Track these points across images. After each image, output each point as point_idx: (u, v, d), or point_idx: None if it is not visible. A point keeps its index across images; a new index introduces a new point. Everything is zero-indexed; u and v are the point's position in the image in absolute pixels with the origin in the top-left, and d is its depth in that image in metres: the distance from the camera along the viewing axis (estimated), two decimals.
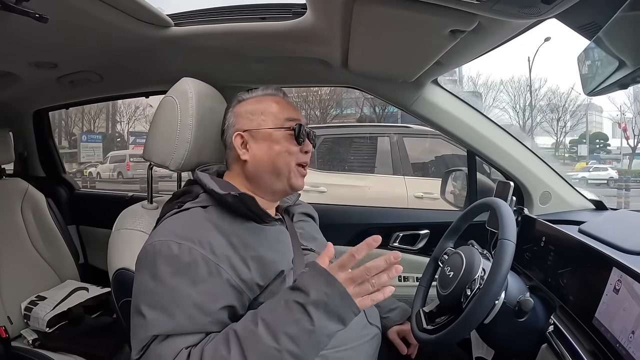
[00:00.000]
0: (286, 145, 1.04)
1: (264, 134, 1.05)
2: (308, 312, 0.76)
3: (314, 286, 0.77)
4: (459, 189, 1.86)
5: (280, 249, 0.98)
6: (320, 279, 0.78)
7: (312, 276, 0.79)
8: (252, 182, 1.06)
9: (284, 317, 0.77)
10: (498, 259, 0.94)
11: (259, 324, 0.78)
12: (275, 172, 1.04)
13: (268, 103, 1.08)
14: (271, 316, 0.78)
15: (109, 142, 21.91)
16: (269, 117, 1.06)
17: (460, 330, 0.96)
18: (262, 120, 1.06)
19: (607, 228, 1.09)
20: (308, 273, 0.80)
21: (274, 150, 1.04)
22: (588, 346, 0.89)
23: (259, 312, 0.81)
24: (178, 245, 0.85)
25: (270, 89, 1.12)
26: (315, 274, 0.79)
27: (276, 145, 1.04)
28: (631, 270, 0.81)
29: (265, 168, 1.04)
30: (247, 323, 0.80)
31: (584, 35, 0.84)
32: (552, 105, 22.93)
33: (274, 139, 1.04)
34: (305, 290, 0.77)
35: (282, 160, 1.03)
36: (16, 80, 1.69)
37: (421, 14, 0.87)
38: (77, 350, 1.52)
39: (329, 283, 0.77)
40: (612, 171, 17.52)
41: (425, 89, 1.49)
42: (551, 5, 0.71)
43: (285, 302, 0.78)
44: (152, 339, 0.81)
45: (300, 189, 1.08)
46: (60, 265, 1.86)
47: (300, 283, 0.79)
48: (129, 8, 1.15)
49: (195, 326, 0.82)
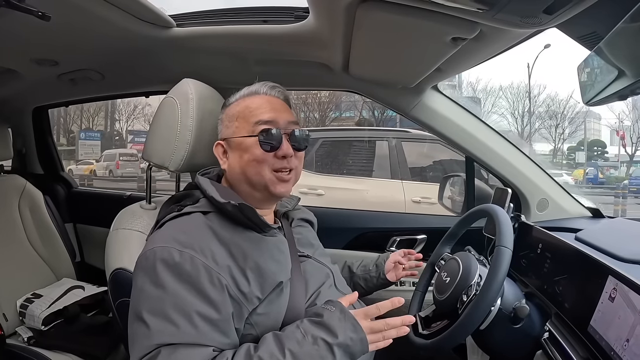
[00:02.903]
0: (255, 154, 0.97)
1: (236, 143, 1.00)
2: (333, 352, 0.81)
3: (341, 330, 0.82)
4: (456, 195, 1.87)
5: (280, 259, 0.96)
6: (348, 324, 0.83)
7: (340, 320, 0.84)
8: (236, 191, 1.01)
9: (312, 353, 0.80)
10: (495, 266, 0.95)
11: (287, 355, 0.80)
12: (248, 182, 0.99)
13: (244, 106, 1.02)
14: (300, 350, 0.80)
15: (107, 140, 21.85)
16: (242, 123, 1.00)
17: (456, 335, 0.97)
18: (236, 127, 1.01)
19: (604, 236, 1.10)
20: (337, 315, 0.85)
21: (244, 160, 0.98)
22: (583, 353, 0.90)
23: (285, 342, 0.82)
24: (179, 253, 0.84)
25: (254, 86, 1.06)
26: (344, 319, 0.84)
27: (245, 154, 0.98)
28: (627, 279, 0.82)
29: (239, 178, 1.00)
30: (273, 351, 0.80)
31: (585, 45, 0.84)
32: (550, 111, 22.96)
33: (244, 147, 0.98)
34: (333, 332, 0.82)
35: (252, 169, 0.97)
36: (17, 77, 1.70)
37: (423, 21, 0.87)
38: (73, 348, 1.52)
39: (355, 330, 0.83)
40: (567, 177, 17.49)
41: (425, 95, 1.49)
42: (553, 15, 0.71)
43: (314, 340, 0.81)
44: (157, 349, 0.79)
45: (284, 195, 1.02)
46: (56, 263, 1.86)
47: (329, 323, 0.83)
48: (131, 8, 1.16)
49: (200, 337, 0.81)
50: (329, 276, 1.08)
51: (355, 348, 0.83)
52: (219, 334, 0.83)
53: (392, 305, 0.87)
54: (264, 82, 1.07)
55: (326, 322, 0.83)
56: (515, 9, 0.72)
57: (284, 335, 0.83)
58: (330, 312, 0.85)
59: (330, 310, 0.85)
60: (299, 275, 0.99)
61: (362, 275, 1.31)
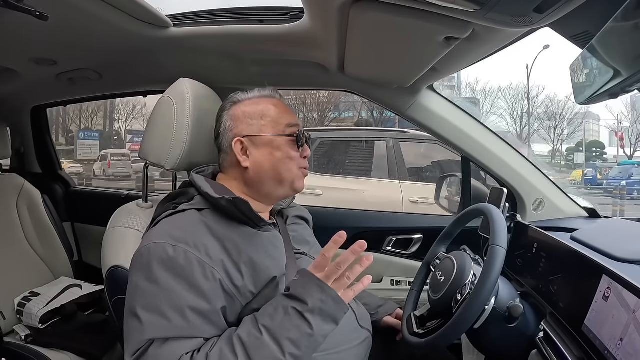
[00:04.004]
0: (287, 152, 1.03)
1: (265, 141, 1.03)
2: (306, 318, 0.81)
3: (308, 294, 0.82)
4: (453, 195, 1.87)
5: (274, 254, 0.98)
6: (313, 286, 0.83)
7: (305, 284, 0.84)
8: (252, 188, 1.05)
9: (285, 324, 0.81)
10: (488, 265, 0.95)
11: (262, 331, 0.81)
12: (277, 178, 1.03)
13: (266, 106, 1.06)
14: (273, 323, 0.82)
15: (106, 140, 21.85)
16: (269, 123, 1.04)
17: (450, 334, 0.97)
18: (262, 125, 1.04)
19: (599, 236, 1.10)
20: (300, 281, 0.85)
21: (276, 157, 1.03)
22: (577, 353, 0.90)
23: (259, 319, 0.83)
24: (173, 248, 0.85)
25: (267, 90, 1.10)
26: (309, 281, 0.84)
27: (277, 152, 1.03)
28: (620, 278, 0.82)
29: (267, 175, 1.03)
30: (250, 329, 0.82)
31: (577, 44, 0.85)
32: (549, 112, 23.00)
33: (276, 145, 1.03)
34: (301, 298, 0.82)
35: (285, 166, 1.03)
36: (15, 76, 1.70)
37: (416, 20, 0.88)
38: (70, 346, 1.52)
39: (322, 290, 0.82)
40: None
41: (421, 95, 1.50)
42: (543, 14, 0.72)
43: (285, 310, 0.82)
44: (149, 343, 0.81)
45: (301, 191, 1.08)
46: (54, 262, 1.86)
47: (295, 291, 0.83)
48: (128, 8, 1.16)
49: (192, 330, 0.82)
50: None
51: (330, 308, 0.82)
52: (211, 326, 0.85)
53: (334, 244, 0.84)
54: (269, 87, 1.11)
55: (294, 292, 0.83)
56: (506, 8, 0.73)
57: (259, 313, 0.85)
58: (295, 281, 0.85)
59: (295, 279, 0.86)
60: (294, 272, 1.00)
61: None
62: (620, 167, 18.02)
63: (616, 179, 16.00)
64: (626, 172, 16.47)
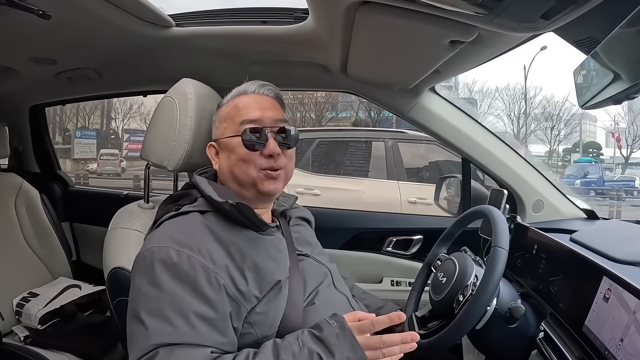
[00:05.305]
0: (240, 153, 0.98)
1: (224, 143, 1.02)
2: None
3: (338, 348, 0.80)
4: (452, 196, 1.88)
5: (278, 258, 0.96)
6: (346, 342, 0.80)
7: (339, 337, 0.81)
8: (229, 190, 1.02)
9: None
10: (490, 266, 0.95)
11: None
12: (236, 181, 1.00)
13: (232, 106, 1.04)
14: None
15: (103, 139, 21.73)
16: (229, 124, 1.02)
17: (452, 335, 0.97)
18: (224, 127, 1.02)
19: (598, 237, 1.11)
20: (336, 331, 0.82)
21: (231, 160, 1.00)
22: (578, 353, 0.91)
23: (281, 353, 0.81)
24: (177, 253, 0.84)
25: (243, 85, 1.07)
26: (343, 336, 0.81)
27: (232, 154, 0.99)
28: (621, 280, 0.83)
29: (228, 178, 1.01)
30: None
31: (581, 49, 0.85)
32: (546, 113, 23.03)
33: (230, 147, 1.00)
34: (330, 349, 0.80)
35: (238, 169, 0.99)
36: (14, 75, 1.69)
37: (422, 24, 0.88)
38: (69, 347, 1.51)
39: (354, 349, 0.80)
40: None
41: (423, 97, 1.50)
42: (550, 20, 0.72)
43: (310, 354, 0.80)
44: (155, 349, 0.79)
45: (274, 193, 1.03)
46: (53, 262, 1.85)
47: (327, 338, 0.81)
48: (131, 7, 1.16)
49: (198, 337, 0.81)
50: (327, 275, 1.09)
51: None
52: (217, 334, 0.83)
53: (390, 322, 0.84)
54: (254, 80, 1.07)
55: (325, 338, 0.81)
56: (514, 13, 0.73)
57: (282, 345, 0.83)
58: (331, 327, 0.83)
59: (331, 325, 0.83)
60: (297, 274, 0.99)
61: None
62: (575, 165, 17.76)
63: (570, 177, 15.78)
64: (581, 171, 16.23)
